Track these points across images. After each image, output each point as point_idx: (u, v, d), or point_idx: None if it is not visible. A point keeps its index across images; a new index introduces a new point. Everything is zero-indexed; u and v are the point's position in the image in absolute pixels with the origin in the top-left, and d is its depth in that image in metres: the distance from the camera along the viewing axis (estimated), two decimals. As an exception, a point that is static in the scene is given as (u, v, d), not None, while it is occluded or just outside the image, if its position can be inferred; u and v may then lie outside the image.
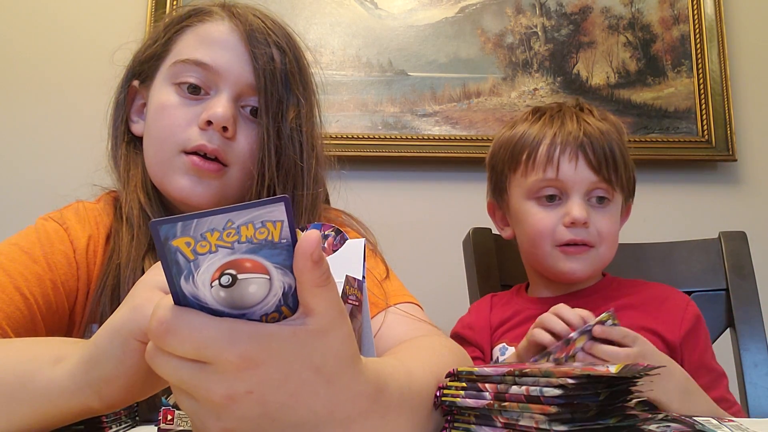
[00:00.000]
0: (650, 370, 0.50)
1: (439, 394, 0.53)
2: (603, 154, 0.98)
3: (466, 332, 1.05)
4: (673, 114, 1.64)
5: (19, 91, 1.65)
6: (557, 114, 1.03)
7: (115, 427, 0.63)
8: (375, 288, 0.78)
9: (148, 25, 1.65)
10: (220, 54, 0.79)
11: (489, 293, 1.14)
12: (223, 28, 0.81)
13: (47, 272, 0.74)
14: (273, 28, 0.82)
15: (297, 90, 0.81)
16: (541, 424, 0.44)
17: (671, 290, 1.04)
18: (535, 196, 1.01)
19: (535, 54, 1.67)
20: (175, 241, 0.35)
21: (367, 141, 1.60)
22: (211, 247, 0.35)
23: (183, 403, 0.40)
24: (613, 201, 1.01)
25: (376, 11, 1.68)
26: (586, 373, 0.44)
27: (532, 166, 1.00)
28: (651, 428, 0.53)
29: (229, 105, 0.78)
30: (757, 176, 1.65)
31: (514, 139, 1.04)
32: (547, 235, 0.99)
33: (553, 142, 0.99)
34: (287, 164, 0.80)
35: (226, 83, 0.79)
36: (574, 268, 0.99)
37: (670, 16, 1.69)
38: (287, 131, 0.80)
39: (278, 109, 0.79)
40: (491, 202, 1.12)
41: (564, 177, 0.98)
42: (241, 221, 0.35)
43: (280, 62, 0.80)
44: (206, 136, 0.77)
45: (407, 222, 1.59)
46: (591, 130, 0.99)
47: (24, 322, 0.73)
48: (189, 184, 0.78)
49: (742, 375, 1.10)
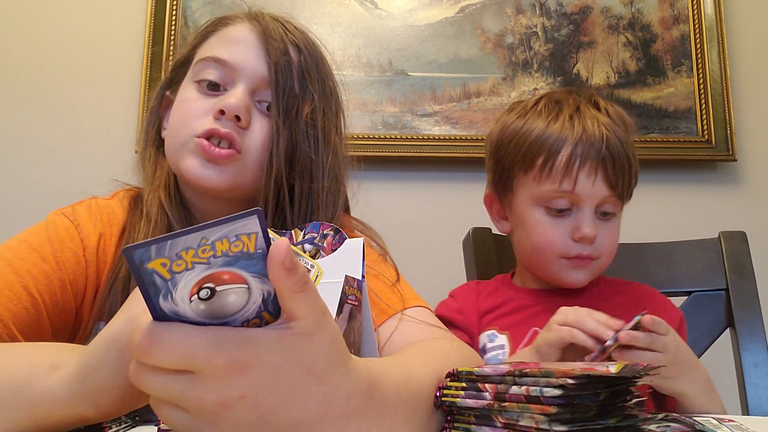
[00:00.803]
0: (650, 370, 0.50)
1: (439, 394, 0.53)
2: (622, 170, 0.95)
3: (455, 316, 1.03)
4: (673, 114, 1.64)
5: (19, 91, 1.65)
6: (576, 113, 0.98)
7: (115, 427, 0.63)
8: (387, 293, 0.79)
9: (148, 26, 1.65)
10: (237, 51, 0.82)
11: (471, 281, 1.13)
12: (242, 29, 0.84)
13: (56, 271, 0.75)
14: (291, 30, 0.85)
15: (312, 86, 0.83)
16: (541, 424, 0.44)
17: (654, 290, 1.05)
18: (545, 205, 0.98)
19: (535, 54, 1.67)
20: (150, 264, 0.35)
21: (367, 141, 1.60)
22: (187, 264, 0.35)
23: (173, 419, 0.39)
24: (618, 213, 1.00)
25: (376, 11, 1.68)
26: (586, 373, 0.44)
27: (548, 174, 0.96)
28: (651, 428, 0.53)
29: (242, 96, 0.79)
30: (756, 176, 1.65)
31: (528, 135, 0.99)
32: (554, 247, 0.97)
33: (573, 153, 0.94)
34: (302, 158, 0.81)
35: (241, 77, 0.81)
36: (579, 279, 0.98)
37: (670, 16, 1.69)
38: (302, 126, 0.81)
39: (291, 103, 0.81)
40: (490, 194, 1.08)
41: (580, 191, 0.95)
42: (215, 237, 0.35)
43: (296, 58, 0.82)
44: (219, 123, 0.78)
45: (407, 222, 1.59)
46: (612, 140, 0.95)
47: (30, 321, 0.73)
48: (197, 164, 0.78)
49: (742, 375, 1.10)
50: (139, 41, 1.66)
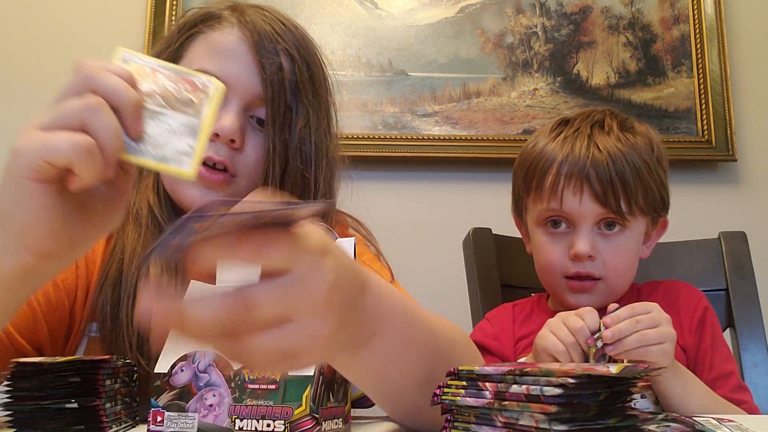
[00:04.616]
0: (651, 371, 0.50)
1: (439, 393, 0.53)
2: (611, 184, 0.94)
3: (491, 343, 1.03)
4: (673, 114, 1.64)
5: (18, 90, 1.65)
6: (571, 135, 0.99)
7: (115, 427, 0.63)
8: None
9: (148, 25, 1.65)
10: (228, 65, 0.79)
11: (507, 302, 1.12)
12: (232, 38, 0.80)
13: None
14: (283, 33, 0.81)
15: (306, 99, 0.81)
16: (541, 423, 0.44)
17: (682, 288, 1.03)
18: (543, 224, 0.99)
19: (535, 54, 1.67)
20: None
21: (367, 141, 1.60)
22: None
23: (261, 344, 0.35)
24: (627, 229, 0.97)
25: (376, 11, 1.68)
26: (586, 372, 0.44)
27: (539, 195, 0.98)
28: (651, 428, 0.53)
29: (236, 117, 0.77)
30: (757, 176, 1.65)
31: (530, 158, 1.01)
32: (554, 266, 0.98)
33: (558, 172, 0.96)
34: (295, 175, 0.80)
35: (234, 94, 0.78)
36: (581, 303, 0.96)
37: (671, 16, 1.69)
38: (295, 142, 0.79)
39: (285, 119, 0.79)
40: (515, 218, 1.11)
41: (569, 210, 0.95)
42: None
43: (290, 71, 0.80)
44: (213, 147, 0.77)
45: (407, 222, 1.59)
46: (599, 157, 0.94)
47: (26, 320, 0.74)
48: (199, 194, 0.78)
49: (742, 375, 1.10)
50: (139, 40, 1.66)
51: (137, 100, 0.49)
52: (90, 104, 0.47)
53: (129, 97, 0.49)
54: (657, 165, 0.99)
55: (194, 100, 0.52)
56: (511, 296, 1.19)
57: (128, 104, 0.49)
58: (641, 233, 1.01)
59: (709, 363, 0.94)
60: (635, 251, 1.00)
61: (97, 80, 0.49)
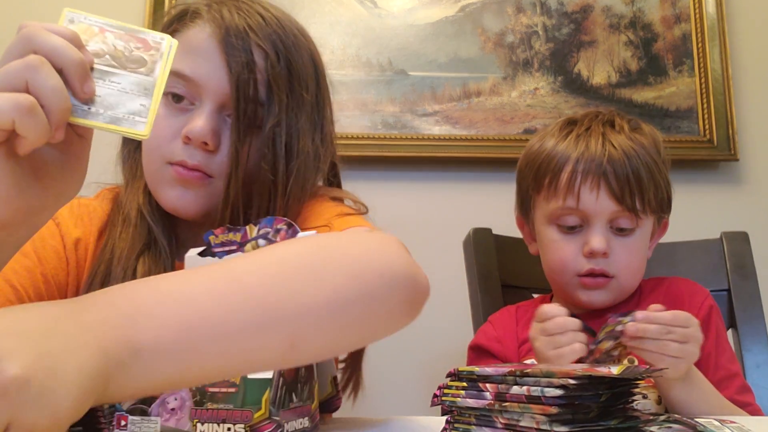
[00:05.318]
0: (652, 372, 0.49)
1: (440, 393, 0.53)
2: (627, 182, 0.95)
3: (493, 345, 1.03)
4: (675, 113, 1.64)
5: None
6: (584, 133, 1.00)
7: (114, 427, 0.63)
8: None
9: (147, 20, 1.65)
10: (199, 64, 0.76)
11: (510, 304, 1.11)
12: (203, 35, 0.77)
13: (38, 266, 0.76)
14: (258, 26, 0.77)
15: (278, 96, 0.77)
16: (542, 424, 0.44)
17: (687, 286, 1.03)
18: (556, 223, 0.99)
19: (536, 53, 1.66)
20: None
21: (367, 141, 1.59)
22: None
23: None
24: (639, 227, 0.98)
25: (376, 10, 1.67)
26: (587, 373, 0.44)
27: (554, 193, 0.98)
28: (652, 430, 0.52)
29: (208, 119, 0.75)
30: (759, 176, 1.64)
31: (539, 157, 1.01)
32: (567, 264, 0.98)
33: (574, 170, 0.96)
34: (261, 177, 0.77)
35: (207, 95, 0.76)
36: (593, 300, 0.98)
37: (672, 15, 1.68)
38: (262, 141, 0.76)
39: (253, 120, 0.76)
40: (519, 217, 1.10)
41: (585, 207, 0.96)
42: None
43: (263, 67, 0.76)
44: (187, 151, 0.75)
45: (407, 222, 1.58)
46: (616, 155, 0.96)
47: None
48: (177, 194, 0.77)
49: (744, 376, 1.10)
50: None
51: (81, 59, 0.48)
52: (29, 63, 0.46)
53: (71, 57, 0.47)
54: (663, 165, 1.00)
55: (146, 58, 0.51)
56: (512, 296, 1.19)
57: (71, 64, 0.47)
58: (650, 233, 1.01)
59: (714, 363, 0.94)
60: (645, 250, 1.01)
61: (37, 40, 0.48)
